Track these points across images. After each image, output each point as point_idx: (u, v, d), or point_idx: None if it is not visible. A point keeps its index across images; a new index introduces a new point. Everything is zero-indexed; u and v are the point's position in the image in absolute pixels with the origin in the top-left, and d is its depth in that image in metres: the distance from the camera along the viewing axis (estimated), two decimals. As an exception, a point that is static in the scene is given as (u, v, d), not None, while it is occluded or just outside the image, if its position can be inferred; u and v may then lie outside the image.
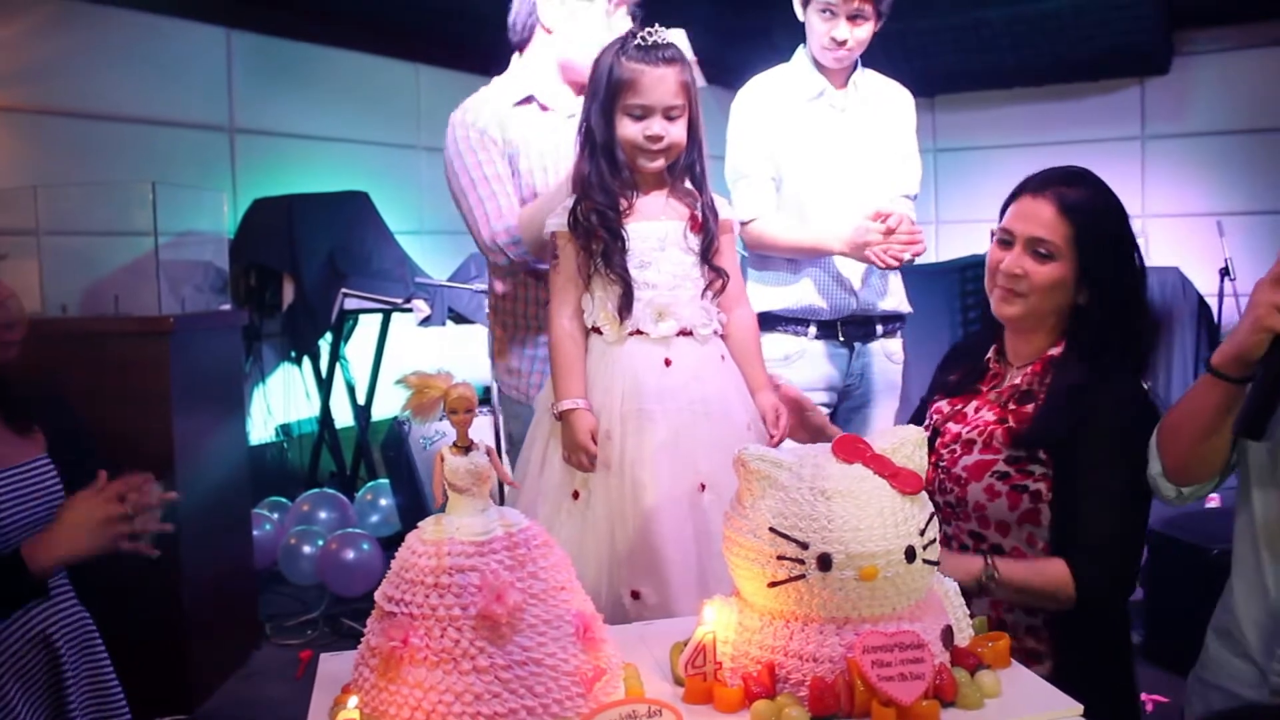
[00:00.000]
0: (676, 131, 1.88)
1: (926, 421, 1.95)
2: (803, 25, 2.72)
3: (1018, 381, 1.82)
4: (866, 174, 2.73)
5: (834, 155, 2.71)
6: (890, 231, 2.50)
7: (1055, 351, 1.80)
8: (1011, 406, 1.80)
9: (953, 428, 1.85)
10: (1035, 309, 1.78)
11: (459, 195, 2.30)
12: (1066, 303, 1.77)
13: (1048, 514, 1.74)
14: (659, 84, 1.84)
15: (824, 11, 2.62)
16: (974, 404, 1.87)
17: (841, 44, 2.63)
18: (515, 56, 2.40)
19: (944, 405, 1.92)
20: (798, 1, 2.70)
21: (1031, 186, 1.79)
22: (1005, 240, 1.80)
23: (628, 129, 1.86)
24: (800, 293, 2.73)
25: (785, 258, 2.74)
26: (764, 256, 2.78)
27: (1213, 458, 1.58)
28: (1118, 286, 1.74)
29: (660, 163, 1.89)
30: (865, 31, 2.64)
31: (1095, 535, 1.68)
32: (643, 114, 1.85)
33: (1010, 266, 1.78)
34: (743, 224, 2.67)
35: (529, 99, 2.32)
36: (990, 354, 1.91)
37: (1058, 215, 1.73)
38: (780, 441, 1.98)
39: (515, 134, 2.28)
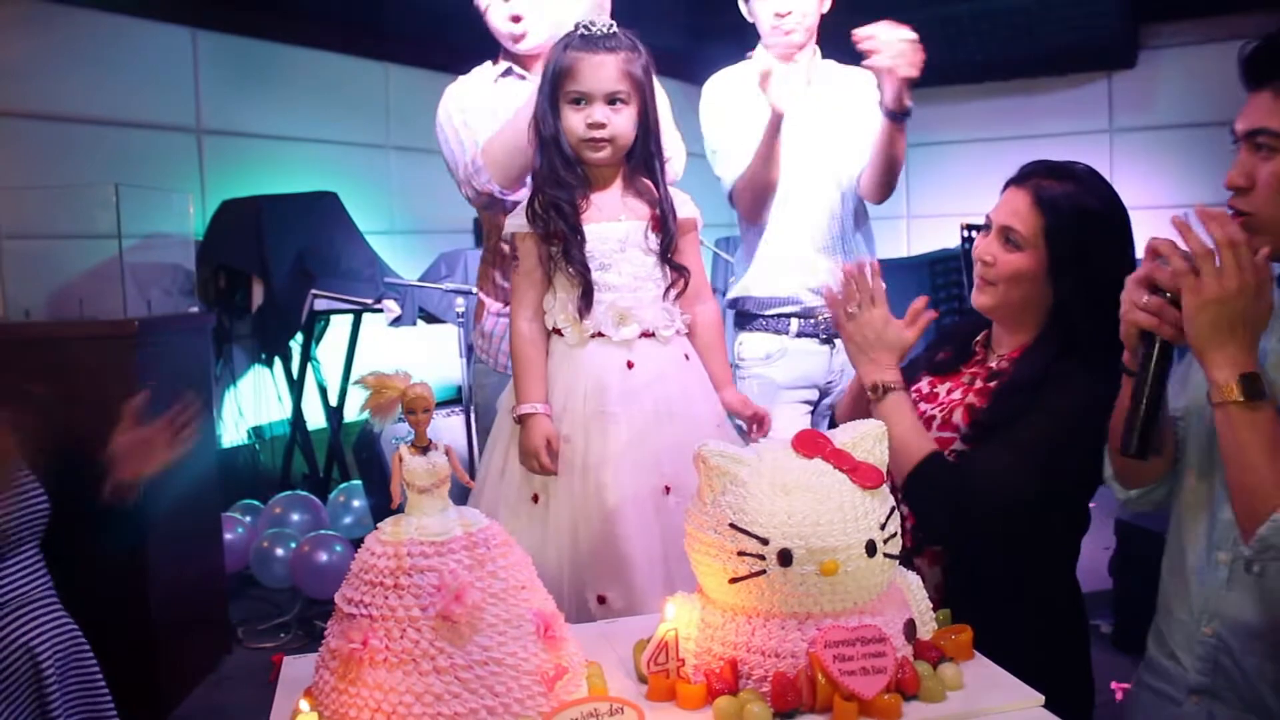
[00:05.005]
0: (620, 121, 1.86)
1: None
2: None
3: (993, 365, 1.81)
4: (831, 145, 2.72)
5: (797, 131, 2.68)
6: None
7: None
8: (978, 385, 1.79)
9: (923, 407, 1.84)
10: (1006, 299, 1.76)
11: (443, 152, 2.35)
12: (1039, 296, 1.74)
13: None
14: (598, 70, 1.83)
15: None
16: (948, 384, 1.86)
17: (786, 15, 2.62)
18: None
19: (924, 385, 1.90)
20: (741, 1, 2.71)
21: (1017, 177, 1.78)
22: (986, 227, 1.80)
23: (570, 118, 1.86)
24: (790, 283, 2.72)
25: (771, 215, 2.71)
26: (751, 253, 2.77)
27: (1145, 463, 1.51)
28: (1092, 285, 1.67)
29: (606, 153, 1.88)
30: (809, 2, 2.63)
31: (976, 460, 1.67)
32: (582, 100, 1.84)
33: (981, 252, 1.78)
34: (730, 192, 2.71)
35: (508, 71, 2.40)
36: (980, 338, 1.89)
37: (1032, 206, 1.72)
38: (765, 427, 1.98)
39: (499, 104, 2.30)
